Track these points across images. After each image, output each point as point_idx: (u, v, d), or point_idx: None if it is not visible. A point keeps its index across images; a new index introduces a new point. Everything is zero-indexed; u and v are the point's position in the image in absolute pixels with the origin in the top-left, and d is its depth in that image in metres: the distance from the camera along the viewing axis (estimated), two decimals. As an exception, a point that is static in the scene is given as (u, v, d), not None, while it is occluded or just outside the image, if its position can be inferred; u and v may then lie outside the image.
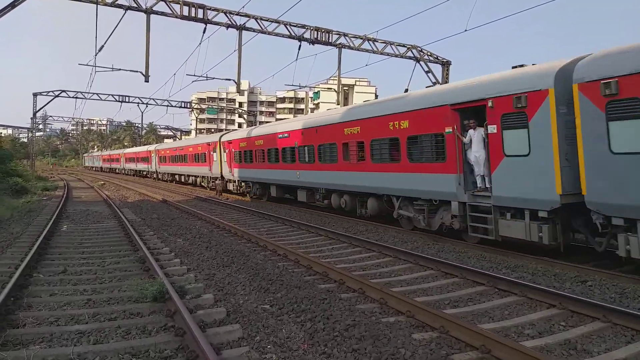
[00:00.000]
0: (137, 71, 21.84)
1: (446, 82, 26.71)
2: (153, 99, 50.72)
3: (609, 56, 8.11)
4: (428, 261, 9.26)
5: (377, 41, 25.81)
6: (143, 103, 50.75)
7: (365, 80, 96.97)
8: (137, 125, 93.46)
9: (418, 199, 12.43)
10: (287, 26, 22.99)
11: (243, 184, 25.84)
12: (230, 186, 27.69)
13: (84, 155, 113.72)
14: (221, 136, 29.58)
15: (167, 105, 50.99)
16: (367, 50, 25.59)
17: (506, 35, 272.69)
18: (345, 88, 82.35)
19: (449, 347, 5.28)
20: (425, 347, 5.20)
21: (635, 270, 8.25)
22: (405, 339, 5.38)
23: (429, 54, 27.82)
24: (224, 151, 27.69)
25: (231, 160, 26.58)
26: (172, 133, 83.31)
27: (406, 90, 14.24)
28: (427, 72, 27.96)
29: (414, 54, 27.18)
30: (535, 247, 9.69)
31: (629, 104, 7.56)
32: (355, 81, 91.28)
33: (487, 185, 10.38)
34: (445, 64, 28.47)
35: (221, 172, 28.38)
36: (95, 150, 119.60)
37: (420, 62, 27.56)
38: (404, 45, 26.79)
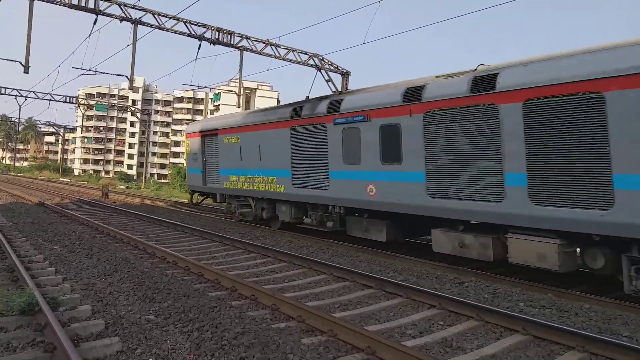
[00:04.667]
0: (15, 60, 19.52)
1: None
2: (33, 92, 46.05)
3: None
4: (321, 266, 9.40)
5: (280, 47, 25.88)
6: (21, 96, 45.81)
7: (268, 85, 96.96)
8: (13, 120, 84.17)
9: None
10: (187, 24, 22.16)
11: None
12: None
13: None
14: None
15: (50, 100, 46.42)
16: (269, 55, 25.53)
17: (404, 48, 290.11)
18: (247, 91, 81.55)
19: (336, 350, 5.37)
20: (314, 351, 5.22)
21: (506, 271, 9.11)
22: (295, 344, 5.37)
23: (329, 63, 28.51)
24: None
25: None
26: (54, 130, 76.19)
27: (307, 97, 14.31)
28: (327, 81, 28.60)
29: (315, 62, 27.66)
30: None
31: None
32: (258, 85, 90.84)
33: None
34: (345, 74, 29.38)
35: None
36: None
37: (321, 70, 28.15)
38: (305, 53, 27.16)
